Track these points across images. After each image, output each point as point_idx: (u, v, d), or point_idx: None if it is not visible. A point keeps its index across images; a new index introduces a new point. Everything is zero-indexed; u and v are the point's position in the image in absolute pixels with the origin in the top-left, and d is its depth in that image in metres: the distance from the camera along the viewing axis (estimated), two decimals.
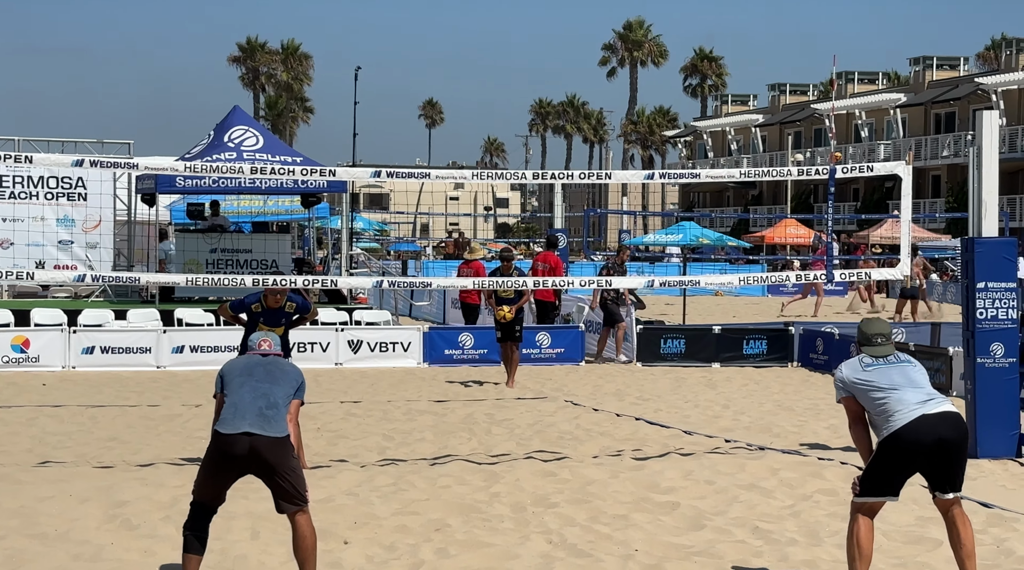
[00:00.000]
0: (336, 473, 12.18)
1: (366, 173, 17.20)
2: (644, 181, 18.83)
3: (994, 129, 13.87)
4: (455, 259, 49.14)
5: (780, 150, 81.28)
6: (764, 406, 17.81)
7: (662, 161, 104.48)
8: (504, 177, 16.46)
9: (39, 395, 18.35)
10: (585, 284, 22.13)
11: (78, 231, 28.25)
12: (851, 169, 16.45)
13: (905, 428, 7.75)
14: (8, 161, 14.82)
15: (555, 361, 23.10)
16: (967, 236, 13.93)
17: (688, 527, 10.08)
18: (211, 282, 17.42)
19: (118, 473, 12.14)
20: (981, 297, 13.53)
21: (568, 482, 11.81)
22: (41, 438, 14.41)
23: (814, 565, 8.90)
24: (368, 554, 9.11)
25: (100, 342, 22.00)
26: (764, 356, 23.39)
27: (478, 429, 15.39)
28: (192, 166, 20.18)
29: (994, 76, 66.72)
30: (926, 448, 7.76)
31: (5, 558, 8.90)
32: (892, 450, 7.81)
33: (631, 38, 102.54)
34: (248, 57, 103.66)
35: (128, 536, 9.58)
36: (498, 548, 9.31)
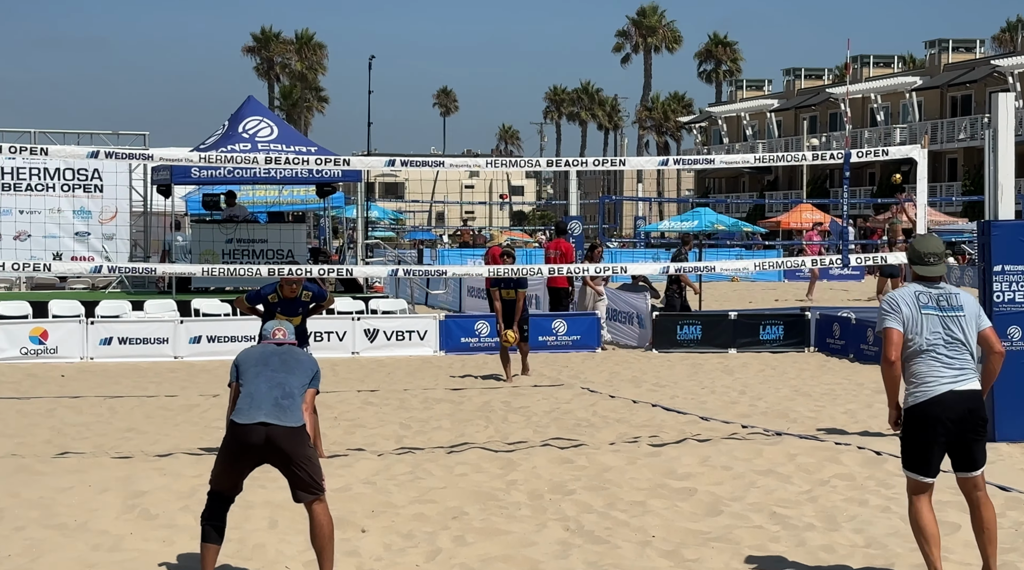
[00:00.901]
0: (354, 462, 12.20)
1: (381, 162, 17.17)
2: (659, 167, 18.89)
3: (1010, 111, 13.82)
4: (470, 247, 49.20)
5: (795, 135, 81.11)
6: (781, 391, 17.80)
7: (677, 147, 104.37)
8: (519, 165, 16.42)
9: (58, 386, 18.42)
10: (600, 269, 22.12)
11: (94, 222, 28.35)
12: (866, 153, 16.36)
13: (930, 402, 7.68)
14: (24, 153, 14.85)
15: (571, 348, 23.11)
16: (983, 219, 13.90)
17: (705, 513, 10.08)
18: (227, 272, 17.45)
19: (136, 463, 12.17)
20: (998, 280, 13.51)
21: (585, 469, 11.82)
22: (60, 429, 14.46)
23: (832, 550, 8.89)
24: (386, 542, 9.12)
25: (118, 333, 22.08)
26: (781, 341, 23.37)
27: (495, 417, 15.41)
28: (207, 157, 20.26)
29: (1010, 58, 66.49)
30: (949, 422, 7.68)
31: (25, 548, 8.93)
32: (920, 422, 7.74)
33: (645, 24, 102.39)
34: (262, 47, 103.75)
35: (147, 526, 9.61)
36: (515, 535, 9.32)
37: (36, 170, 27.73)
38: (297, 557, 8.62)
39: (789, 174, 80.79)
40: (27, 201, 27.71)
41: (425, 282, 31.56)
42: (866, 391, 17.73)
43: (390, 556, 8.79)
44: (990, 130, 13.96)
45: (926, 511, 7.74)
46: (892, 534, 9.28)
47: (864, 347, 21.56)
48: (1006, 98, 13.93)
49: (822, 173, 74.38)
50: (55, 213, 27.79)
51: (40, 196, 27.83)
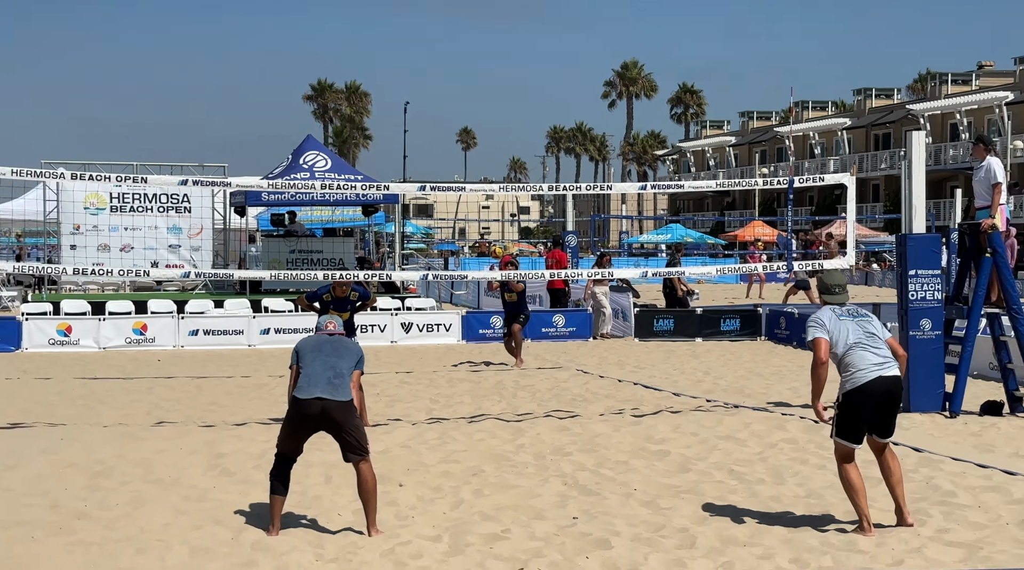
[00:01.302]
0: (392, 430, 12.22)
1: (414, 187, 17.18)
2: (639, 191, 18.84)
3: (922, 147, 13.82)
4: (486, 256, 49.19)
5: (749, 165, 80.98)
6: (738, 372, 17.79)
7: (653, 175, 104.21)
8: (526, 189, 16.42)
9: (155, 369, 18.46)
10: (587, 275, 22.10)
11: (184, 237, 28.39)
12: (806, 180, 16.36)
13: (866, 385, 7.84)
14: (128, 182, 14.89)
15: (568, 338, 23.12)
16: (901, 233, 13.89)
17: (677, 470, 10.08)
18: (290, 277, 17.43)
19: (218, 431, 12.20)
20: (912, 282, 13.50)
21: (579, 435, 11.83)
22: (157, 403, 14.50)
23: (779, 500, 8.90)
24: (418, 494, 9.14)
25: (203, 326, 22.14)
26: (738, 332, 23.35)
27: (506, 393, 15.42)
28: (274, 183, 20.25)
29: (922, 103, 66.34)
30: (876, 399, 7.87)
31: (131, 498, 8.96)
32: (856, 402, 7.87)
33: (627, 75, 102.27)
34: (319, 95, 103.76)
35: (227, 481, 9.64)
36: (523, 489, 9.33)
37: (138, 195, 27.78)
38: (347, 506, 8.64)
39: (744, 197, 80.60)
40: (131, 220, 27.78)
41: (450, 284, 31.57)
42: (807, 372, 17.63)
43: (422, 506, 8.81)
44: (905, 162, 13.93)
45: (853, 470, 7.92)
46: (828, 487, 9.28)
47: (804, 336, 21.55)
48: (918, 136, 13.93)
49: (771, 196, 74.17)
50: (153, 230, 27.84)
51: (141, 216, 27.89)
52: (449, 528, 8.04)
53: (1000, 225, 13.24)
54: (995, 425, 12.49)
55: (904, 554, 7.38)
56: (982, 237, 13.24)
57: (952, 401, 13.13)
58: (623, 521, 8.21)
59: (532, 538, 7.78)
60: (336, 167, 26.65)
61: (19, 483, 9.52)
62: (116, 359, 19.83)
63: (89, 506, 8.71)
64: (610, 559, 7.27)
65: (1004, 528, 8.02)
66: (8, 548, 7.55)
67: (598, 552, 7.42)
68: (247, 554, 7.43)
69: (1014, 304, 13.29)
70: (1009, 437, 11.76)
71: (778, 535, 7.85)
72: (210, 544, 7.66)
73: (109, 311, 22.83)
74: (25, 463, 10.30)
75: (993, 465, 10.12)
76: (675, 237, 56.27)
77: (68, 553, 7.43)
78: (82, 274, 20.58)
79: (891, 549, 7.50)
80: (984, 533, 7.89)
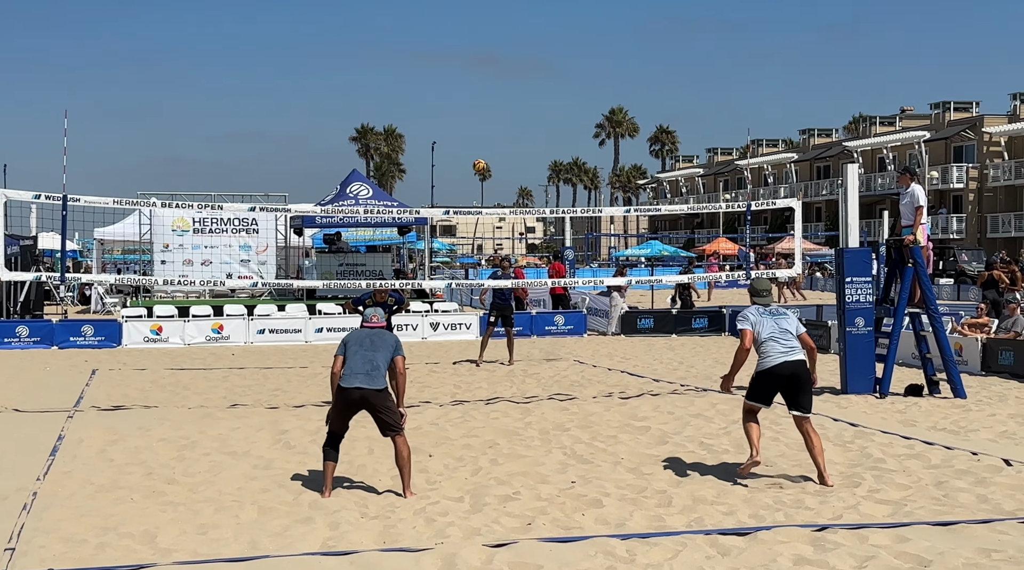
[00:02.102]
0: (423, 410, 12.22)
1: (440, 212, 17.24)
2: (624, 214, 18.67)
3: (855, 177, 13.82)
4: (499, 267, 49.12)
5: (714, 192, 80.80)
6: (706, 362, 17.76)
7: (636, 200, 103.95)
8: (532, 213, 16.45)
9: (229, 361, 18.49)
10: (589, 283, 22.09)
11: (253, 253, 28.40)
12: (761, 203, 16.36)
13: (773, 367, 8.20)
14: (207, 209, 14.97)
15: (567, 334, 23.07)
16: (839, 247, 13.86)
17: (656, 443, 10.07)
18: (340, 285, 17.48)
19: (281, 412, 12.22)
20: (848, 287, 13.48)
21: (576, 414, 11.82)
22: (231, 389, 14.52)
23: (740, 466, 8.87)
24: (444, 463, 9.13)
25: (268, 325, 22.16)
26: (706, 329, 23.31)
27: (516, 380, 15.41)
28: (326, 209, 20.33)
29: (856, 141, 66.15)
30: (783, 379, 8.21)
31: (210, 467, 8.98)
32: (764, 378, 8.29)
33: (614, 119, 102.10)
34: (362, 137, 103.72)
35: (288, 453, 9.65)
36: (531, 458, 9.32)
37: (215, 220, 27.80)
38: (387, 473, 8.64)
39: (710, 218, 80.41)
40: (209, 240, 27.80)
41: (470, 291, 31.51)
42: None
43: (448, 472, 8.80)
44: (842, 189, 13.93)
45: (754, 422, 8.35)
46: (780, 456, 9.26)
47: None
48: (852, 168, 13.93)
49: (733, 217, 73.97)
50: (227, 248, 27.85)
51: (218, 237, 27.90)
52: (470, 491, 8.03)
53: (921, 240, 13.22)
54: (916, 404, 12.46)
55: (843, 510, 7.36)
56: (905, 250, 13.21)
57: (882, 385, 13.11)
58: (612, 484, 8.20)
59: (538, 499, 7.77)
60: (376, 195, 26.65)
61: (120, 454, 9.55)
62: (198, 353, 19.86)
63: (176, 473, 8.73)
64: (602, 515, 7.26)
65: (924, 488, 7.99)
66: (113, 507, 7.57)
67: (592, 510, 7.41)
68: (305, 512, 7.44)
69: (932, 305, 13.27)
70: (928, 414, 11.73)
71: (740, 495, 7.83)
72: (274, 504, 7.67)
73: (192, 314, 22.87)
74: (125, 438, 10.33)
75: (915, 437, 10.10)
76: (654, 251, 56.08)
77: (160, 511, 7.45)
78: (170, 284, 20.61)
79: (832, 506, 7.48)
80: (908, 493, 7.86)
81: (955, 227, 57.03)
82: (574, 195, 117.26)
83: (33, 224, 29.54)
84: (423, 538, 6.71)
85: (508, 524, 7.09)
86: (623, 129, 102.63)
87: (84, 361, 18.22)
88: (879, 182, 61.32)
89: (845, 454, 9.34)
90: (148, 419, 11.54)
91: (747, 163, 62.58)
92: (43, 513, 7.35)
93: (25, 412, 12.23)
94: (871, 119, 68.92)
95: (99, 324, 21.57)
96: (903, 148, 60.82)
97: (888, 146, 61.27)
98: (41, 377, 15.92)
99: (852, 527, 6.80)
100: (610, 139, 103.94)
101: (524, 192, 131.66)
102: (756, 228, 69.38)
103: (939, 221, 55.92)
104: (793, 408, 8.30)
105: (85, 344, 20.77)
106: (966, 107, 60.63)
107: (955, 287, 38.50)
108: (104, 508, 7.52)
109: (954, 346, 15.03)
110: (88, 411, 12.30)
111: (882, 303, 13.75)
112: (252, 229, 28.33)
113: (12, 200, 12.72)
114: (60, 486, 8.22)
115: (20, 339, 20.55)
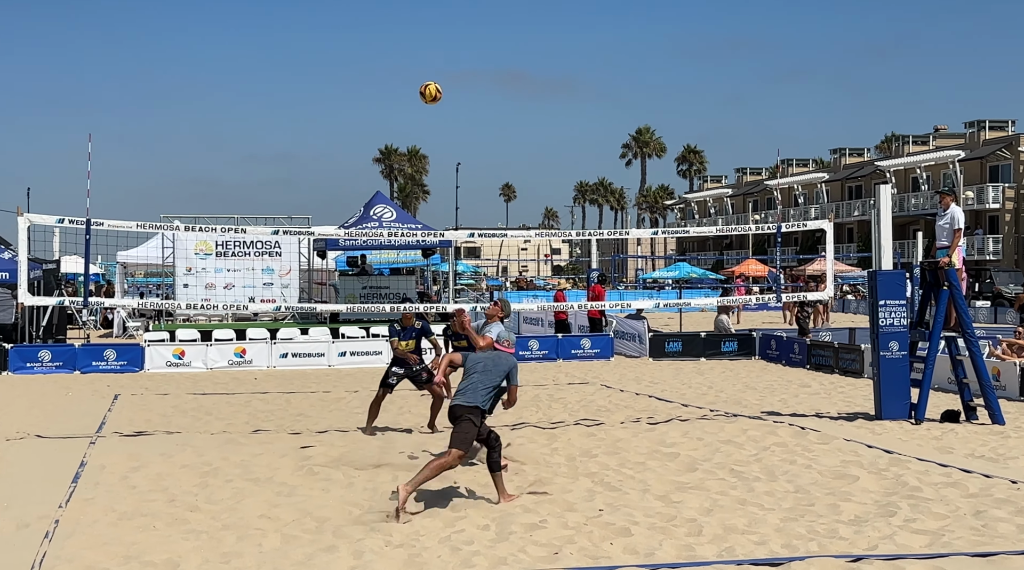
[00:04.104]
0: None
1: (464, 234, 17.33)
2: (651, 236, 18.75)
3: (888, 197, 13.74)
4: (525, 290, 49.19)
5: (743, 212, 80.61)
6: (736, 386, 17.66)
7: (663, 221, 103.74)
8: (557, 235, 16.48)
9: (252, 385, 18.56)
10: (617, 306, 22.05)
11: (276, 276, 28.57)
12: (791, 225, 16.32)
13: None
14: (231, 232, 15.06)
15: (594, 358, 23.03)
16: (872, 269, 13.78)
17: (685, 470, 10.01)
18: (363, 309, 17.52)
19: (305, 437, 12.23)
20: (882, 310, 13.39)
21: (604, 440, 11.77)
22: (254, 414, 14.57)
23: (772, 494, 8.81)
24: (469, 490, 9.11)
25: (291, 349, 22.24)
26: (736, 352, 23.18)
27: (542, 404, 15.37)
28: (350, 232, 20.42)
29: (888, 161, 65.81)
30: None
31: (233, 493, 9.00)
32: None
33: (641, 139, 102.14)
34: (386, 158, 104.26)
35: (312, 479, 9.66)
36: (558, 485, 9.29)
37: (238, 242, 28.02)
38: (412, 505, 8.60)
39: (739, 239, 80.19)
40: (232, 263, 27.99)
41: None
42: (794, 386, 17.55)
43: (473, 500, 8.77)
44: (875, 210, 13.86)
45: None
46: (813, 483, 9.18)
47: (792, 355, 21.35)
48: (885, 189, 13.85)
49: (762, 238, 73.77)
50: (250, 271, 28.03)
51: (240, 260, 28.10)
52: (496, 518, 8.01)
53: (956, 263, 13.13)
54: (953, 430, 12.33)
55: (878, 540, 7.29)
56: (940, 273, 13.12)
57: (917, 410, 12.99)
58: (641, 513, 8.15)
59: (565, 527, 7.74)
60: (400, 218, 26.78)
61: (143, 481, 9.60)
62: (221, 378, 19.96)
63: (199, 500, 8.76)
64: (630, 545, 7.22)
65: (962, 518, 7.90)
66: (134, 534, 7.61)
67: (620, 539, 7.37)
68: (329, 540, 7.45)
69: (968, 329, 13.16)
70: (965, 440, 11.60)
71: (772, 524, 7.77)
72: (297, 532, 7.68)
73: (215, 338, 23.01)
74: (147, 464, 10.38)
75: (952, 464, 9.98)
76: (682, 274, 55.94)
77: (182, 539, 7.48)
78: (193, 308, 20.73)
79: (867, 536, 7.41)
80: (945, 522, 7.78)
81: (991, 248, 56.55)
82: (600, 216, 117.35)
83: (56, 248, 29.90)
84: (448, 567, 6.70)
85: (534, 553, 7.06)
86: (650, 149, 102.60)
87: (106, 386, 18.35)
88: (912, 202, 60.97)
89: (880, 482, 9.25)
90: (170, 445, 11.59)
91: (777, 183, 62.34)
92: (65, 541, 7.39)
93: (47, 438, 12.32)
94: (904, 138, 68.61)
95: (121, 348, 21.74)
96: (937, 167, 60.46)
97: (922, 165, 60.92)
98: (63, 402, 16.04)
99: (888, 558, 6.73)
100: (637, 159, 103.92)
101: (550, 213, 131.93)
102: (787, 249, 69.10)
103: (975, 242, 55.48)
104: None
105: (107, 369, 20.93)
106: (1002, 126, 60.25)
107: (992, 310, 38.13)
108: (126, 536, 7.55)
109: (991, 371, 14.89)
110: (110, 437, 12.37)
111: (917, 327, 13.64)
112: (275, 252, 28.51)
113: (36, 224, 12.87)
114: (82, 513, 8.27)
115: (43, 364, 20.75)
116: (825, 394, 16.40)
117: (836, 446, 11.08)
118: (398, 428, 13.00)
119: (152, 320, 28.98)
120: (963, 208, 53.68)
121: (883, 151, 78.40)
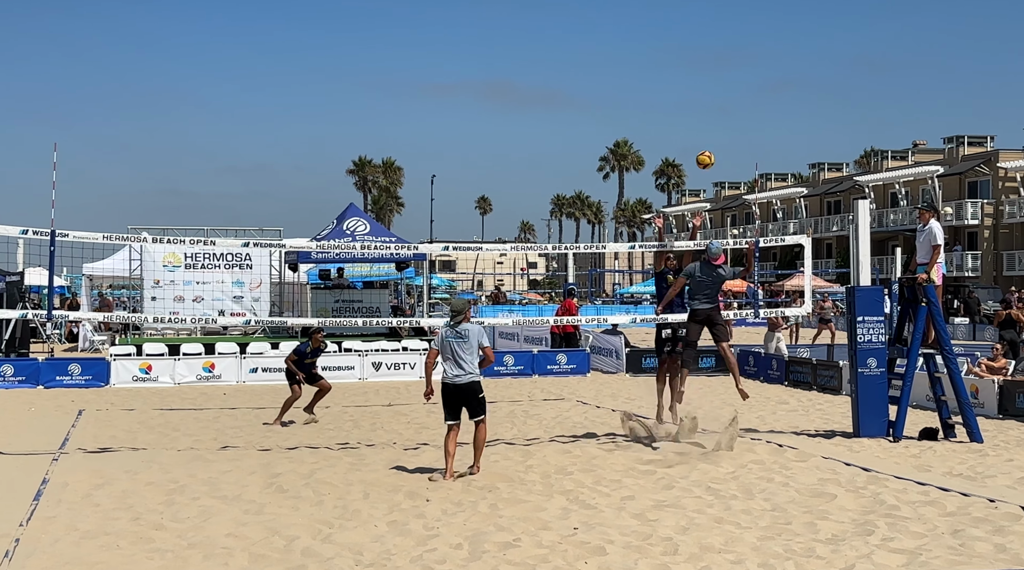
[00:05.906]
0: (421, 452, 12.18)
1: (439, 247, 17.34)
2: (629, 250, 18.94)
3: (866, 212, 13.86)
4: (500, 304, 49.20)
5: (722, 227, 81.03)
6: (713, 403, 17.69)
7: (641, 236, 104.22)
8: (534, 249, 16.51)
9: (221, 401, 18.46)
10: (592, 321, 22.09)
11: (246, 289, 28.43)
12: (770, 240, 16.41)
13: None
14: (200, 244, 14.99)
15: (569, 374, 23.04)
16: (850, 285, 13.88)
17: (662, 487, 10.02)
18: (336, 323, 17.47)
19: (274, 454, 12.18)
20: (860, 327, 13.47)
21: (579, 457, 11.77)
22: (222, 430, 14.49)
23: (748, 512, 8.83)
24: (443, 508, 9.08)
25: (261, 364, 22.12)
26: (713, 368, 23.20)
27: (517, 421, 15.36)
28: (322, 245, 20.37)
29: (867, 176, 66.40)
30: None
31: (199, 512, 8.94)
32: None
33: (619, 152, 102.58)
34: (360, 170, 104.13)
35: (280, 497, 9.60)
36: (532, 503, 9.28)
37: (208, 255, 27.88)
38: (382, 518, 8.58)
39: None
40: (201, 275, 27.84)
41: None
42: (771, 403, 17.62)
43: (446, 518, 8.75)
44: (853, 225, 13.96)
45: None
46: (790, 502, 9.21)
47: (769, 372, 21.43)
48: (864, 203, 13.96)
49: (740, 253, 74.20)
50: (220, 284, 27.88)
51: (210, 272, 27.95)
52: (469, 537, 7.99)
53: (936, 279, 13.24)
54: (931, 448, 12.41)
55: (855, 559, 7.32)
56: (919, 289, 13.23)
57: (895, 428, 13.06)
58: (616, 531, 8.15)
59: (539, 546, 7.73)
60: (374, 231, 26.72)
61: (107, 499, 9.52)
62: (188, 393, 19.83)
63: (165, 518, 8.69)
64: (605, 564, 7.22)
65: (940, 537, 7.95)
66: (97, 554, 7.53)
67: (595, 558, 7.37)
68: (298, 560, 7.40)
69: (946, 346, 13.25)
70: (943, 458, 11.68)
71: (748, 543, 7.79)
72: (266, 551, 7.63)
73: (183, 352, 22.86)
74: (112, 482, 10.29)
75: (930, 483, 10.05)
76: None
77: (147, 558, 7.41)
78: (161, 321, 20.61)
79: (844, 555, 7.44)
80: (923, 541, 7.82)
81: (970, 264, 57.10)
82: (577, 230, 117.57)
83: (20, 260, 29.61)
84: None
85: None
86: (628, 162, 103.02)
87: (71, 401, 18.19)
88: (891, 218, 61.50)
89: (858, 500, 9.29)
90: (136, 462, 11.50)
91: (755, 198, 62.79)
92: (26, 560, 7.31)
93: (8, 454, 12.20)
94: (883, 153, 69.25)
95: (87, 363, 21.56)
96: (916, 183, 61.04)
97: (900, 181, 61.50)
98: (25, 418, 15.88)
99: None
100: (614, 173, 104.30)
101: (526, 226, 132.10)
102: (765, 264, 69.48)
103: (954, 258, 56.00)
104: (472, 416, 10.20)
105: (72, 383, 20.75)
106: (981, 142, 60.90)
107: (971, 327, 38.48)
108: (89, 555, 7.48)
109: (970, 388, 15.01)
110: (74, 453, 12.26)
111: (895, 343, 13.74)
112: (246, 265, 28.38)
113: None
114: (44, 532, 8.18)
115: (4, 378, 20.54)
116: (803, 411, 16.46)
117: (814, 464, 11.13)
118: (370, 444, 12.96)
119: (118, 334, 28.75)
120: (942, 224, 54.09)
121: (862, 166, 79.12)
